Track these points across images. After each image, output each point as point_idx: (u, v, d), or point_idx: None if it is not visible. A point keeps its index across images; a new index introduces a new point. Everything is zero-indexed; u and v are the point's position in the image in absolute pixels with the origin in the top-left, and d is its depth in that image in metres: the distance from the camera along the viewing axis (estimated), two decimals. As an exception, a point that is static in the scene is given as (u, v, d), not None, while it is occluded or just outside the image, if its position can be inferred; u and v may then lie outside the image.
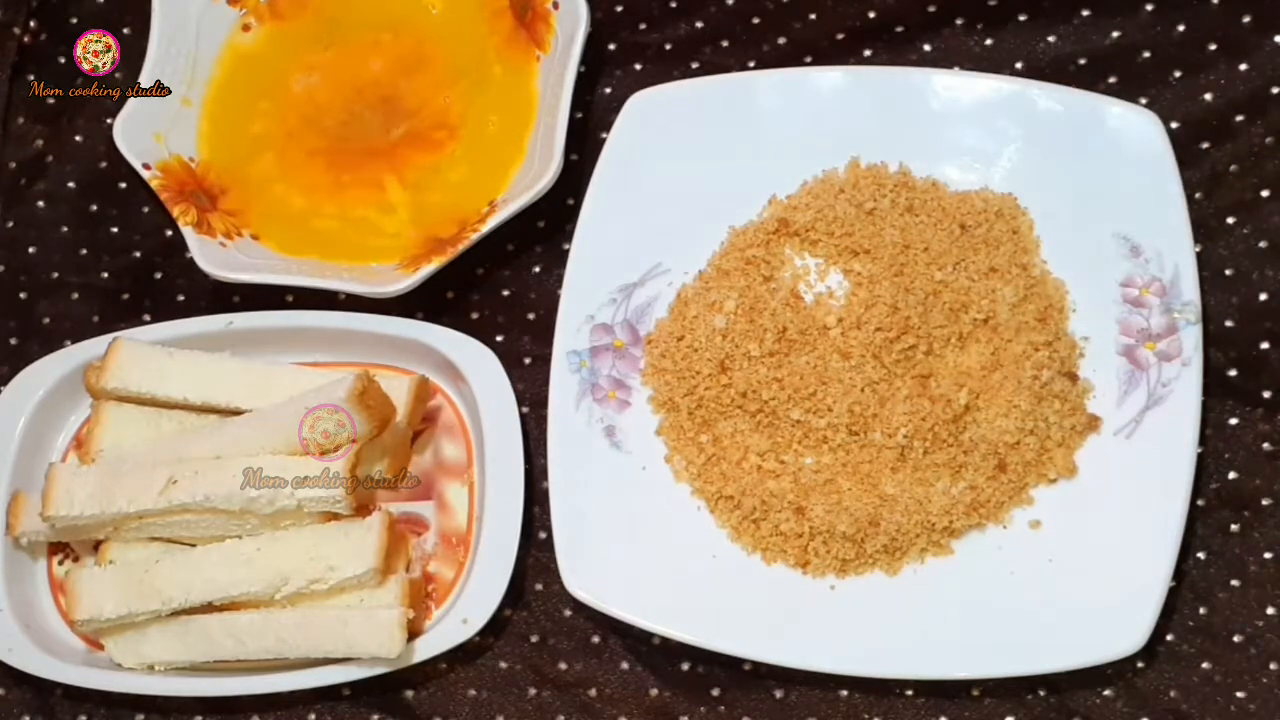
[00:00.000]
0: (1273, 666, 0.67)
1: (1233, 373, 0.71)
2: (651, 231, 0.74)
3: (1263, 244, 0.72)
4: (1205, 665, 0.67)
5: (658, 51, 0.80)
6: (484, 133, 0.78)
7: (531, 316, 0.77)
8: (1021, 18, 0.77)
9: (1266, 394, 0.70)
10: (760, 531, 0.69)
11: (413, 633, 0.68)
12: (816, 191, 0.74)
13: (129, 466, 0.69)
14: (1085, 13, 0.77)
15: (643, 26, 0.81)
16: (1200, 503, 0.69)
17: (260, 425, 0.71)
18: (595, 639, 0.72)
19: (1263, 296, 0.71)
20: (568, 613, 0.72)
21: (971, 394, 0.69)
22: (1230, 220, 0.73)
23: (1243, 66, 0.75)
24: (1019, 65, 0.77)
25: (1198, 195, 0.73)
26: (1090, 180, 0.72)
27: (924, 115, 0.74)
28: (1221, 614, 0.68)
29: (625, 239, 0.74)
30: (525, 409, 0.74)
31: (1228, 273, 0.72)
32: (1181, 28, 0.76)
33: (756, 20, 0.80)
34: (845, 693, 0.69)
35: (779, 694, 0.69)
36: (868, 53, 0.78)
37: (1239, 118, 0.74)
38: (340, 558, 0.68)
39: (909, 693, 0.69)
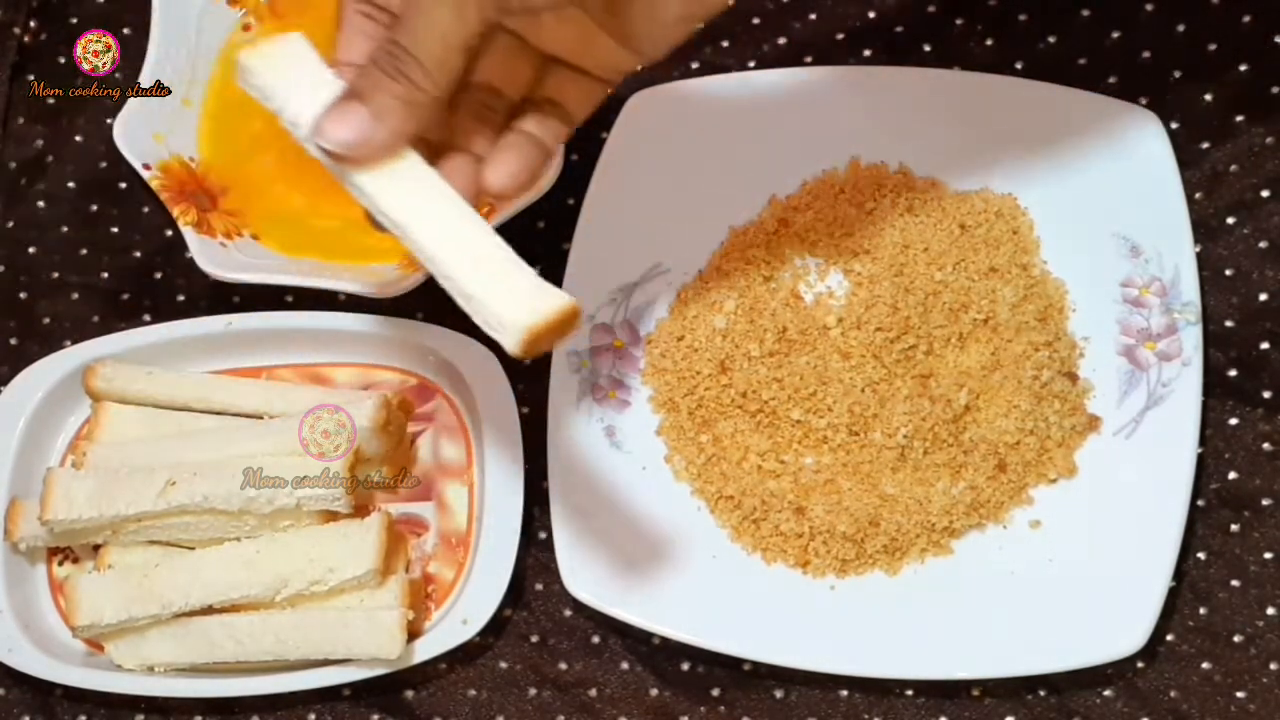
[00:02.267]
0: (1273, 666, 0.67)
1: (1233, 373, 0.71)
2: (651, 231, 0.74)
3: (1263, 244, 0.72)
4: (1205, 665, 0.67)
5: (658, 51, 0.80)
6: (484, 133, 0.78)
7: (531, 316, 0.77)
8: (1021, 18, 0.77)
9: (1266, 394, 0.70)
10: (760, 531, 0.69)
11: (413, 633, 0.68)
12: (816, 191, 0.74)
13: (127, 469, 0.69)
14: (1085, 13, 0.77)
15: (643, 26, 0.81)
16: (1200, 503, 0.69)
17: (260, 425, 0.71)
18: (595, 639, 0.72)
19: (1263, 296, 0.72)
20: (568, 613, 0.72)
21: (971, 394, 0.69)
22: (1230, 220, 0.73)
23: (1243, 67, 0.75)
24: (1019, 65, 0.77)
25: (1198, 195, 0.73)
26: (1090, 180, 0.72)
27: (924, 115, 0.74)
28: (1221, 614, 0.68)
29: (625, 239, 0.74)
30: (525, 409, 0.74)
31: (1228, 273, 0.72)
32: (1181, 28, 0.76)
33: (756, 20, 0.80)
34: (845, 693, 0.69)
35: (779, 694, 0.69)
36: (868, 53, 0.78)
37: (1239, 118, 0.74)
38: (339, 559, 0.68)
39: (909, 693, 0.69)
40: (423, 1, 0.51)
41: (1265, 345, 0.71)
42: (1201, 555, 0.69)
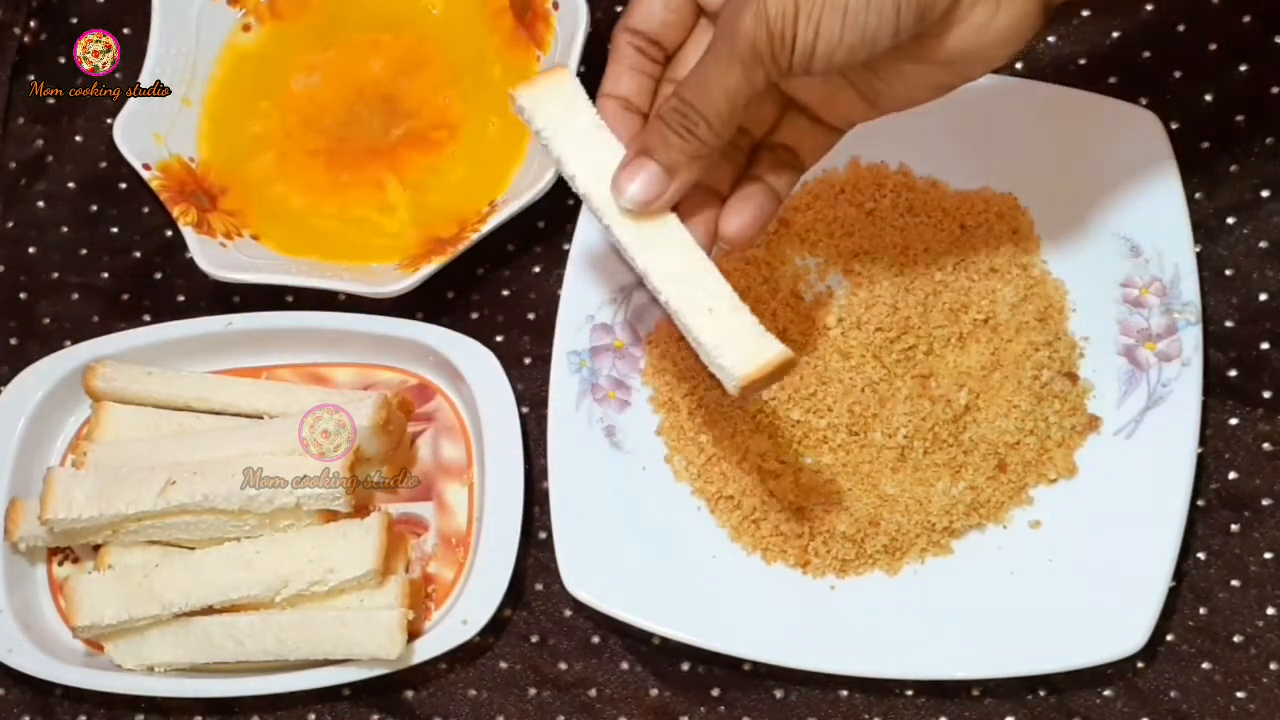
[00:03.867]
0: (1273, 666, 0.67)
1: (1233, 373, 0.71)
2: (651, 231, 0.74)
3: (1263, 244, 0.72)
4: (1205, 665, 0.67)
5: (658, 51, 0.80)
6: (484, 133, 0.78)
7: (531, 316, 0.77)
8: (1022, 18, 0.77)
9: (1266, 394, 0.70)
10: (760, 531, 0.69)
11: (413, 633, 0.68)
12: (816, 191, 0.74)
13: (128, 468, 0.69)
14: (1085, 13, 0.77)
15: (643, 26, 0.81)
16: (1200, 503, 0.69)
17: (260, 425, 0.71)
18: (595, 639, 0.72)
19: (1263, 296, 0.72)
20: (568, 613, 0.72)
21: (971, 394, 0.69)
22: (1230, 220, 0.73)
23: (1243, 67, 0.75)
24: (1019, 65, 0.77)
25: (1198, 195, 0.73)
26: (1090, 180, 0.72)
27: (924, 115, 0.73)
28: (1221, 614, 0.68)
29: (625, 239, 0.74)
30: (525, 409, 0.74)
31: (1228, 273, 0.72)
32: (1181, 28, 0.76)
33: (756, 20, 0.80)
34: (845, 693, 0.69)
35: (779, 694, 0.69)
36: (868, 53, 0.78)
37: (1239, 118, 0.74)
38: (339, 560, 0.68)
39: (909, 693, 0.69)
40: (713, 61, 0.53)
41: (1265, 345, 0.71)
42: (1201, 555, 0.69)
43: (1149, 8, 0.76)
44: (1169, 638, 0.68)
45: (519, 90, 0.58)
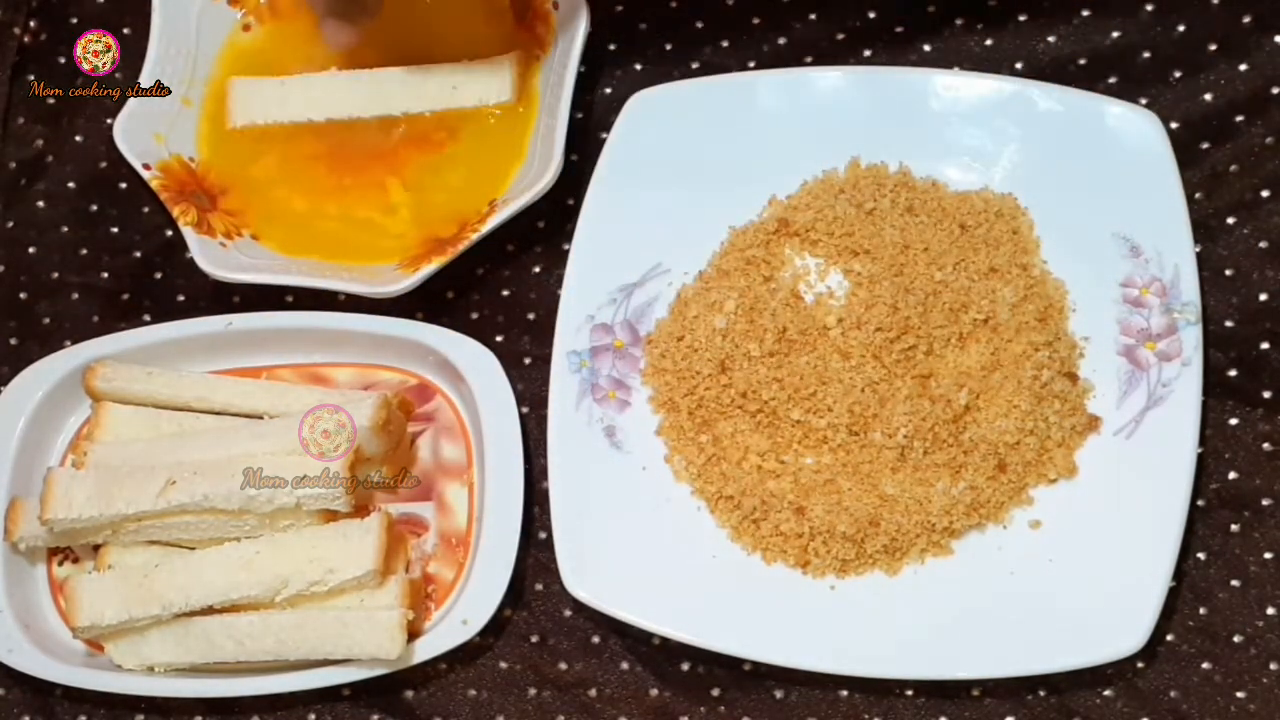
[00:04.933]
0: (1273, 666, 0.67)
1: (1233, 373, 0.71)
2: (651, 231, 0.74)
3: (1263, 244, 0.72)
4: (1205, 665, 0.67)
5: (658, 51, 0.80)
6: (484, 133, 0.78)
7: (531, 316, 0.77)
8: (1021, 18, 0.77)
9: (1266, 394, 0.70)
10: (760, 531, 0.69)
11: (413, 633, 0.68)
12: (816, 191, 0.74)
13: (128, 469, 0.69)
14: (1085, 13, 0.77)
15: (643, 26, 0.81)
16: (1200, 503, 0.69)
17: (260, 425, 0.71)
18: (595, 639, 0.72)
19: (1263, 296, 0.72)
20: (568, 613, 0.72)
21: (971, 394, 0.69)
22: (1230, 220, 0.73)
23: (1243, 66, 0.75)
24: (1019, 65, 0.77)
25: (1198, 195, 0.73)
26: (1090, 180, 0.72)
27: (924, 115, 0.74)
28: (1221, 614, 0.68)
29: (625, 239, 0.74)
30: (525, 409, 0.74)
31: (1228, 273, 0.72)
32: (1181, 28, 0.76)
33: (756, 20, 0.80)
34: (845, 693, 0.69)
35: (779, 694, 0.69)
36: (868, 53, 0.78)
37: (1239, 118, 0.74)
38: (339, 560, 0.68)
39: (909, 693, 0.69)
40: None
41: (1265, 345, 0.71)
42: (1201, 555, 0.69)
43: (1149, 8, 0.76)
44: (1169, 638, 0.68)
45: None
